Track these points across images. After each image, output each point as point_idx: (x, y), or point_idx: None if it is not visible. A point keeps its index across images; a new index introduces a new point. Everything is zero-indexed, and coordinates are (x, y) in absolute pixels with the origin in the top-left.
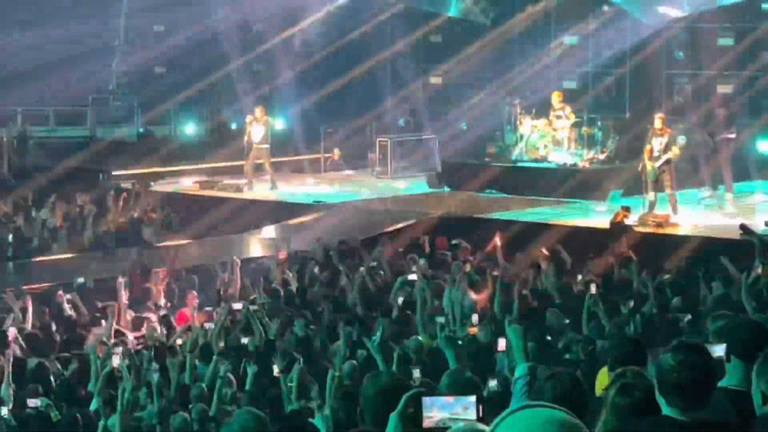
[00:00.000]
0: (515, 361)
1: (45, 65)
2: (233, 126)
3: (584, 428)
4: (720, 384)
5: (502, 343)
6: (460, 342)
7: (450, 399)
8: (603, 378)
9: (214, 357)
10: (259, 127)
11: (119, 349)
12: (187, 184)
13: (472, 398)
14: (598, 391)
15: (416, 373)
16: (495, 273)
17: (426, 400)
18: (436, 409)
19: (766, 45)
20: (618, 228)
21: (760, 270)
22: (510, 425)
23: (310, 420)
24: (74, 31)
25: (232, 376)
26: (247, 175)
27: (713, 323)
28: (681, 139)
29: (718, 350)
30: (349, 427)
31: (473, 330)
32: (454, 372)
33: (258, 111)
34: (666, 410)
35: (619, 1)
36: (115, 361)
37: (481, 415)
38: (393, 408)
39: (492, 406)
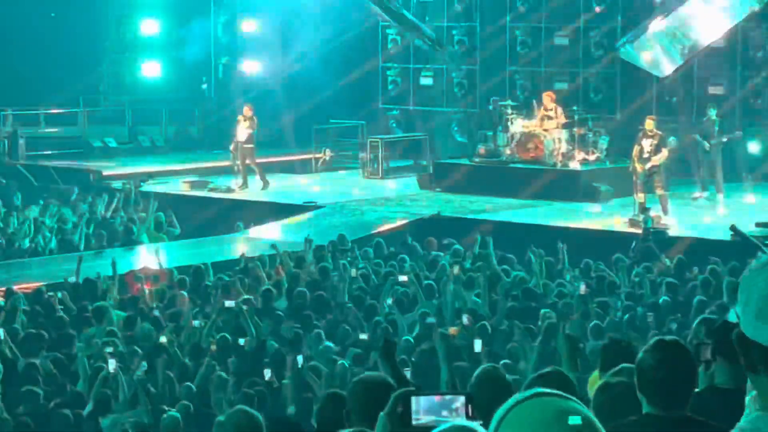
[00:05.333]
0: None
1: (36, 65)
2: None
3: (596, 422)
4: (707, 383)
5: (478, 345)
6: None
7: (439, 398)
8: (594, 382)
9: (207, 358)
10: (244, 127)
11: (110, 349)
12: (178, 184)
13: (462, 398)
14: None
15: (407, 373)
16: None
17: (415, 400)
18: (424, 409)
19: (756, 46)
20: (653, 233)
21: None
22: (521, 415)
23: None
24: (65, 30)
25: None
26: (241, 175)
27: (698, 325)
28: (672, 141)
29: (708, 352)
30: (334, 428)
31: (454, 330)
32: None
33: (245, 109)
34: (646, 408)
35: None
36: (111, 365)
37: (470, 414)
38: (382, 407)
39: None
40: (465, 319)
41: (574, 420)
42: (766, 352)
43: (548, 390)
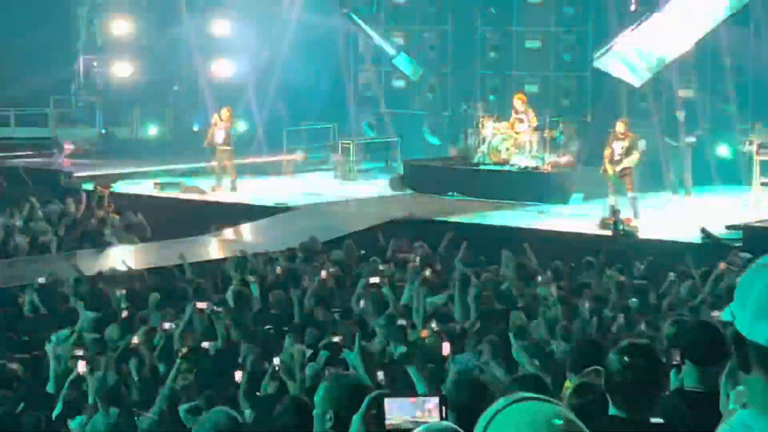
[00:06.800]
0: None
1: (5, 66)
2: (195, 128)
3: (580, 424)
4: (677, 386)
5: (446, 348)
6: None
7: (412, 400)
8: (569, 383)
9: (178, 360)
10: (221, 129)
11: (81, 352)
12: (149, 186)
13: (435, 399)
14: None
15: (380, 375)
16: (455, 275)
17: (388, 402)
18: (398, 411)
19: (725, 51)
20: (623, 235)
21: (722, 266)
22: (509, 418)
23: None
24: (36, 31)
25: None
26: (216, 176)
27: (669, 327)
28: (642, 143)
29: (677, 354)
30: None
31: (425, 333)
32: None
33: (224, 112)
34: (612, 410)
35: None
36: (81, 367)
37: (444, 415)
38: (357, 409)
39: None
40: (434, 323)
41: (557, 421)
42: (761, 351)
43: (532, 394)
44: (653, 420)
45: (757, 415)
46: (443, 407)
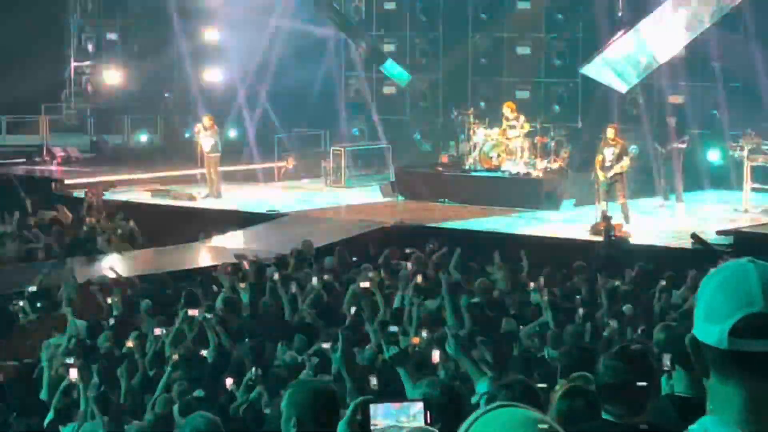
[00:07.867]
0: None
1: None
2: (186, 135)
3: (561, 429)
4: (667, 391)
5: (436, 356)
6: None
7: (397, 405)
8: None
9: (169, 367)
10: (208, 137)
11: (72, 360)
12: (140, 193)
13: (420, 404)
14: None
15: (373, 380)
16: (447, 282)
17: (373, 407)
18: (383, 416)
19: (715, 56)
20: (614, 241)
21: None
22: (485, 425)
23: None
24: (27, 38)
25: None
26: (207, 184)
27: (659, 333)
28: (633, 149)
29: (667, 360)
30: None
31: (416, 340)
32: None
33: (206, 120)
34: (605, 415)
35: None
36: (73, 374)
37: (428, 421)
38: (320, 414)
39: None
40: (424, 332)
41: (542, 426)
42: (714, 352)
43: (510, 402)
44: (642, 426)
45: (717, 421)
46: (427, 412)
